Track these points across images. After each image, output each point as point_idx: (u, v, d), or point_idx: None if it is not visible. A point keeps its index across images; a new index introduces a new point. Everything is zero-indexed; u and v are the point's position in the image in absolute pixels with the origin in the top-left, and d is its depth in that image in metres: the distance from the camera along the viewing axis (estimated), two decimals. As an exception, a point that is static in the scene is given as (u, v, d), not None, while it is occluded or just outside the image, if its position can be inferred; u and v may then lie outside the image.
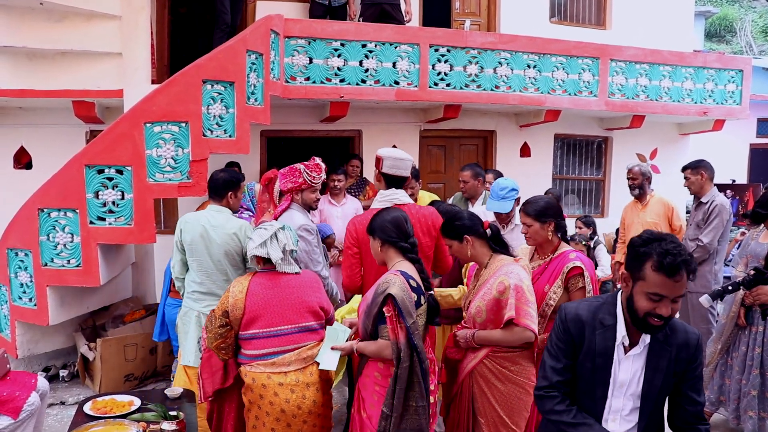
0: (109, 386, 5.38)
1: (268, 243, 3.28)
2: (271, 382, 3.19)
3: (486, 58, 7.24)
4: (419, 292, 2.99)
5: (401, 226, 3.17)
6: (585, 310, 2.48)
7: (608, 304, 2.45)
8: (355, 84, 6.70)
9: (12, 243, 5.30)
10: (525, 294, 3.12)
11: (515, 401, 3.20)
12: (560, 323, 2.51)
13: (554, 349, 2.52)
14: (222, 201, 4.38)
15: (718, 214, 5.28)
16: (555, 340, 2.52)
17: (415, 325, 2.89)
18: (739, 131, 12.24)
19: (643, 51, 8.07)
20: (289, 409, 3.18)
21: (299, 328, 3.30)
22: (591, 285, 3.38)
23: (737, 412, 4.54)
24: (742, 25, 25.24)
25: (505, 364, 3.20)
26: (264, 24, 5.83)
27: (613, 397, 2.45)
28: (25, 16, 5.78)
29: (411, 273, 3.04)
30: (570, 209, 9.21)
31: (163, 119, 5.18)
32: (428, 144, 8.48)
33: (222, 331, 3.25)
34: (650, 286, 2.23)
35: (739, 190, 10.95)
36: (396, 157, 4.00)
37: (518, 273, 3.18)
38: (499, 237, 3.40)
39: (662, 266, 2.18)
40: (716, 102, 8.59)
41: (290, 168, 4.28)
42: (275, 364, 3.22)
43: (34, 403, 3.74)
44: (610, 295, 2.50)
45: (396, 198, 3.89)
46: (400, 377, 2.87)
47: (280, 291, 3.30)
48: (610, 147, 9.47)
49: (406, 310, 2.87)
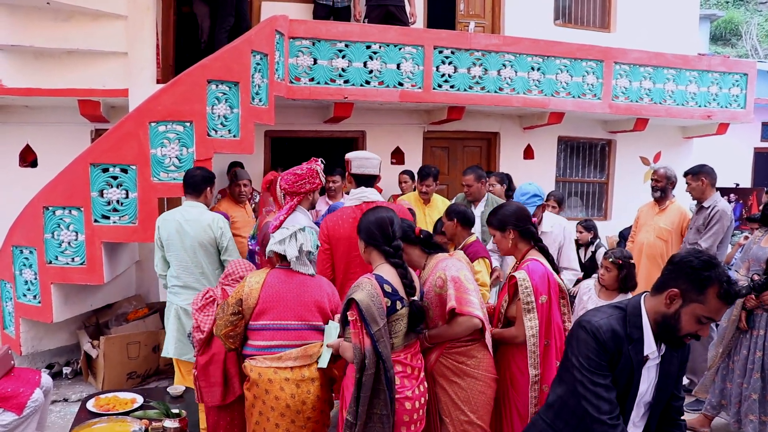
0: (111, 384, 5.41)
1: (287, 241, 3.34)
2: (277, 377, 3.20)
3: (490, 60, 7.25)
4: (395, 298, 2.93)
5: (385, 228, 3.11)
6: (616, 323, 2.36)
7: (633, 317, 2.36)
8: (359, 85, 6.72)
9: (17, 240, 5.34)
10: (463, 284, 3.12)
11: (477, 396, 3.17)
12: (593, 338, 2.33)
13: (596, 367, 2.32)
14: (200, 197, 4.60)
15: (719, 220, 5.26)
16: (593, 357, 2.32)
17: (381, 332, 2.84)
18: (743, 135, 12.22)
19: (648, 54, 8.07)
20: (294, 405, 3.20)
21: (308, 325, 3.33)
22: (532, 297, 3.23)
23: (738, 415, 4.53)
24: (747, 28, 25.18)
25: (461, 359, 3.19)
26: (269, 25, 5.86)
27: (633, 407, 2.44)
28: (31, 15, 5.81)
29: (388, 277, 2.98)
30: (573, 212, 9.21)
31: (168, 119, 5.21)
32: (432, 145, 8.49)
33: (233, 319, 3.27)
34: (709, 311, 2.22)
35: (742, 194, 10.92)
36: (362, 157, 4.20)
37: (454, 264, 3.21)
38: (430, 240, 3.40)
39: (728, 295, 2.18)
40: (720, 105, 8.59)
41: (309, 170, 4.31)
42: (281, 358, 3.23)
43: (38, 400, 3.77)
44: (630, 306, 2.41)
45: (364, 196, 4.06)
46: (364, 384, 2.84)
47: (295, 288, 3.34)
48: (613, 150, 9.46)
49: (370, 316, 2.83)
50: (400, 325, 2.99)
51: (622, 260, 4.17)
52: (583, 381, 2.33)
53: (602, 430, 2.28)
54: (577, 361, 2.35)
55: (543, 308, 3.25)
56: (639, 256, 5.99)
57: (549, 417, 2.54)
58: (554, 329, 3.27)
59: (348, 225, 3.92)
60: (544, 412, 2.59)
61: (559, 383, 2.54)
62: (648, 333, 2.34)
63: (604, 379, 2.31)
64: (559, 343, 3.27)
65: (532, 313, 3.24)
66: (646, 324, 2.34)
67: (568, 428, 2.45)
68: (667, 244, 5.78)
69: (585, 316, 2.43)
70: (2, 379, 3.72)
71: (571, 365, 2.39)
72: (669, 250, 5.77)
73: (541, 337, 3.25)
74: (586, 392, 2.32)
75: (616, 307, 2.45)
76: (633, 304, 2.40)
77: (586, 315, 2.43)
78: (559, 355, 3.23)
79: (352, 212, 4.00)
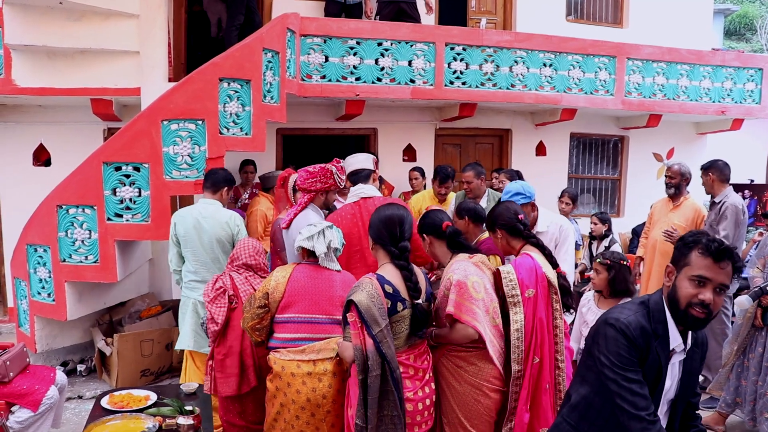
0: (125, 381, 5.43)
1: (315, 237, 3.38)
2: (300, 371, 3.23)
3: (502, 56, 7.22)
4: (396, 299, 2.93)
5: (392, 227, 3.10)
6: (643, 318, 2.33)
7: (656, 312, 2.34)
8: (370, 82, 6.71)
9: (31, 239, 5.38)
10: (468, 290, 3.04)
11: (472, 403, 3.11)
12: (622, 335, 2.28)
13: (628, 363, 2.28)
14: (216, 195, 4.70)
15: (732, 215, 5.22)
16: (625, 354, 2.28)
17: (383, 333, 2.84)
18: (758, 131, 12.07)
19: (661, 49, 8.00)
20: (314, 398, 3.23)
21: (331, 319, 3.35)
22: (517, 290, 3.20)
23: (753, 413, 4.50)
24: (762, 23, 24.93)
25: (461, 363, 3.14)
26: (280, 22, 5.86)
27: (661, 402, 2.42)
28: (44, 15, 5.84)
29: (391, 278, 2.98)
30: (586, 208, 9.16)
31: (180, 117, 5.22)
32: (444, 142, 8.48)
33: (260, 312, 3.34)
34: (695, 269, 2.23)
35: (757, 190, 10.82)
36: (350, 157, 4.34)
37: (465, 269, 3.12)
38: (456, 238, 3.35)
39: (709, 249, 2.21)
40: (735, 101, 8.51)
41: (321, 168, 4.37)
42: (305, 351, 3.26)
43: (53, 397, 3.80)
44: (652, 301, 2.39)
45: (362, 192, 4.12)
46: (370, 386, 2.83)
47: (320, 282, 3.38)
48: (626, 146, 9.41)
49: (371, 317, 2.83)
50: (402, 327, 2.99)
51: (611, 261, 3.94)
52: (616, 379, 2.28)
53: (641, 426, 2.23)
54: (607, 360, 2.31)
55: (529, 302, 3.21)
56: (652, 252, 5.95)
57: (574, 419, 2.51)
58: (537, 324, 3.22)
59: (347, 221, 4.00)
60: (567, 414, 2.54)
61: (581, 383, 2.49)
62: (672, 326, 2.33)
63: (637, 374, 2.28)
64: (539, 338, 3.20)
65: (517, 306, 3.20)
66: (670, 318, 2.33)
67: (594, 428, 2.42)
68: (680, 240, 5.73)
69: (611, 313, 2.39)
70: (18, 377, 3.76)
71: (599, 364, 2.34)
72: (683, 247, 5.72)
73: (526, 332, 3.19)
74: (620, 390, 2.27)
75: (640, 303, 2.43)
76: (655, 299, 2.38)
77: (612, 312, 2.39)
78: (538, 352, 3.19)
79: (351, 209, 4.08)
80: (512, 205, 3.58)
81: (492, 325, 3.13)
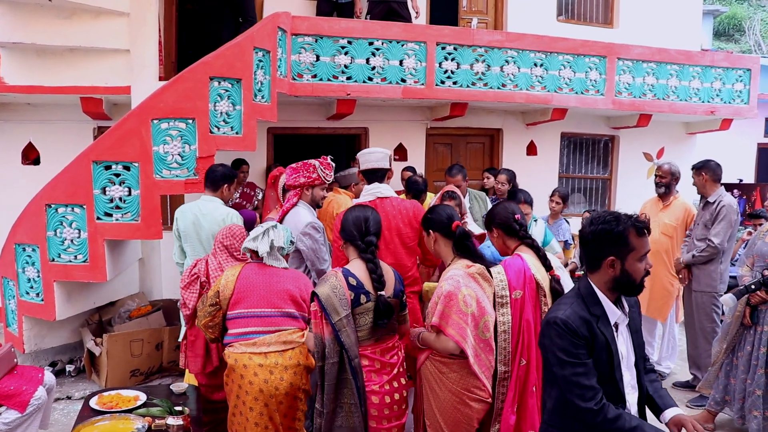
0: (115, 381, 5.41)
1: (259, 238, 3.55)
2: (252, 363, 3.33)
3: (493, 56, 7.23)
4: (359, 291, 3.04)
5: (359, 225, 3.23)
6: (579, 308, 2.44)
7: (589, 296, 2.47)
8: (361, 81, 6.71)
9: (20, 238, 5.34)
10: (457, 303, 3.00)
11: (452, 411, 3.09)
12: (564, 330, 2.37)
13: (573, 356, 2.37)
14: (216, 192, 4.76)
15: (726, 215, 5.24)
16: (570, 349, 2.37)
17: (342, 322, 2.96)
18: (746, 130, 12.17)
19: (651, 50, 8.04)
20: (267, 390, 3.32)
21: (280, 312, 3.47)
22: (506, 291, 3.22)
23: (742, 411, 4.53)
24: (750, 24, 25.11)
25: (444, 369, 3.11)
26: (271, 21, 5.84)
27: (624, 371, 2.51)
28: (33, 12, 5.80)
29: (356, 271, 3.10)
30: (576, 208, 9.19)
31: (171, 116, 5.20)
32: (435, 142, 8.48)
33: (211, 310, 3.50)
34: (640, 250, 2.40)
35: (746, 190, 10.90)
36: (366, 152, 4.26)
37: (458, 280, 3.07)
38: (463, 241, 3.28)
39: (640, 230, 2.39)
40: (724, 101, 8.56)
41: (304, 163, 4.37)
42: (256, 344, 3.37)
43: (41, 398, 3.77)
44: (582, 288, 2.50)
45: (378, 191, 4.08)
46: (327, 373, 2.98)
47: (267, 278, 3.52)
48: (616, 146, 9.44)
49: (330, 306, 2.97)
50: (366, 319, 3.07)
51: None
52: (564, 375, 2.38)
53: (591, 416, 2.35)
54: (554, 358, 2.41)
55: (516, 303, 3.21)
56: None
57: (557, 422, 2.55)
58: (524, 325, 3.22)
59: None
60: (550, 419, 2.59)
61: (551, 386, 2.56)
62: (607, 303, 2.46)
63: (583, 367, 2.37)
64: (526, 340, 3.21)
65: (505, 307, 3.21)
66: (603, 297, 2.46)
67: (577, 422, 2.46)
68: (671, 240, 5.76)
69: (549, 313, 2.51)
70: (5, 377, 3.73)
71: (550, 364, 2.45)
72: (674, 246, 5.76)
73: (513, 333, 3.20)
74: (568, 385, 2.38)
75: (573, 295, 2.54)
76: (584, 286, 2.50)
77: (551, 312, 2.50)
78: (525, 353, 3.21)
79: None
80: (510, 205, 3.57)
81: (481, 339, 3.09)
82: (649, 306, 5.90)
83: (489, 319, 3.12)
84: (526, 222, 3.83)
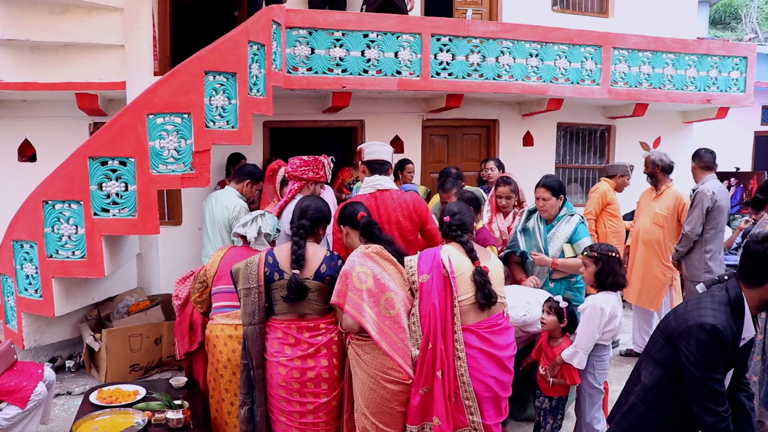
0: (114, 376, 5.42)
1: (249, 224, 3.93)
2: (223, 334, 3.70)
3: (488, 47, 7.22)
4: (274, 269, 3.36)
5: (297, 211, 3.58)
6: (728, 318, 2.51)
7: (738, 310, 2.52)
8: (357, 74, 6.69)
9: (17, 235, 5.34)
10: (351, 280, 3.17)
11: (369, 392, 3.17)
12: (717, 342, 2.46)
13: (717, 365, 2.49)
14: (239, 185, 5.51)
15: (699, 202, 5.29)
16: (716, 359, 2.48)
17: (244, 291, 3.36)
18: (743, 119, 12.18)
19: (646, 39, 8.03)
20: (234, 359, 3.63)
21: None
22: (416, 277, 3.31)
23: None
24: (747, 12, 25.07)
25: (359, 351, 3.23)
26: (265, 14, 5.82)
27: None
28: (27, 8, 5.78)
29: (279, 252, 3.44)
30: (573, 198, 9.20)
31: (166, 111, 5.18)
32: (431, 133, 8.47)
33: (199, 287, 3.91)
34: None
35: (743, 178, 10.91)
36: (373, 143, 4.34)
37: (353, 260, 3.27)
38: (368, 229, 3.50)
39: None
40: (720, 89, 8.55)
41: (315, 159, 4.46)
42: (229, 316, 3.73)
43: (41, 393, 3.78)
44: (734, 299, 2.54)
45: (379, 184, 4.11)
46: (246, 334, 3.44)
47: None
48: (613, 136, 9.45)
49: (236, 275, 3.42)
50: (278, 294, 3.35)
51: (598, 253, 3.72)
52: (702, 378, 2.48)
53: (716, 420, 2.46)
54: (696, 360, 2.48)
55: (423, 287, 3.27)
56: (636, 241, 6.01)
57: (648, 400, 2.68)
58: (430, 309, 3.21)
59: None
60: (642, 395, 2.71)
61: (655, 366, 2.67)
62: (748, 319, 2.53)
63: (720, 374, 2.49)
64: (432, 324, 3.19)
65: (416, 293, 3.31)
66: (748, 313, 2.53)
67: (667, 409, 2.60)
68: (663, 229, 5.78)
69: (704, 316, 2.52)
70: (5, 374, 3.74)
71: (687, 361, 2.51)
72: (665, 236, 5.77)
73: (422, 317, 3.23)
74: (704, 388, 2.48)
75: (718, 301, 2.56)
76: (736, 297, 2.54)
77: (704, 315, 2.52)
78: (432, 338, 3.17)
79: (367, 200, 4.02)
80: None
81: (386, 316, 3.15)
82: (640, 296, 5.92)
83: (393, 296, 3.21)
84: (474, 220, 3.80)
